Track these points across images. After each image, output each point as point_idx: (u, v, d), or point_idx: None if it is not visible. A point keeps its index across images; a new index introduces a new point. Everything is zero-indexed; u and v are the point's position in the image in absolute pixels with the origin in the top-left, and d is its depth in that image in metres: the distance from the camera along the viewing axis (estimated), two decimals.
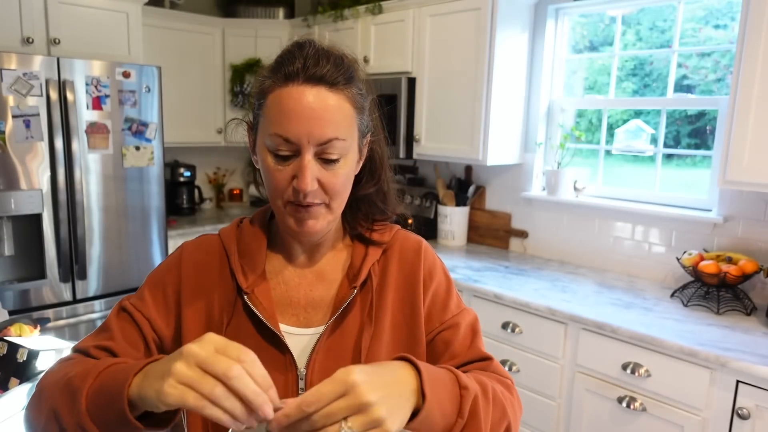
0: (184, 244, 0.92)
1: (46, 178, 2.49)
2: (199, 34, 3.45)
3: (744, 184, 1.90)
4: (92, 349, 0.81)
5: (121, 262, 2.78)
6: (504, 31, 2.56)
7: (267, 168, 0.78)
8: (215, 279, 0.86)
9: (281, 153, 0.76)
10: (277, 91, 0.76)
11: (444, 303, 0.90)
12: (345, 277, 0.88)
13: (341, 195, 0.81)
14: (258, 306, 0.82)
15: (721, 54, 2.32)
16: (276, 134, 0.75)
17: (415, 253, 0.92)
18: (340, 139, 0.76)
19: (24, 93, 2.39)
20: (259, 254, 0.87)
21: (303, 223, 0.79)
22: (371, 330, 0.84)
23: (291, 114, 0.74)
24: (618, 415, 1.91)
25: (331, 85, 0.76)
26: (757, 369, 1.59)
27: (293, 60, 0.77)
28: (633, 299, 2.16)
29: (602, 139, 2.66)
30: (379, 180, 0.90)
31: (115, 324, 0.84)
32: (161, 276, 0.88)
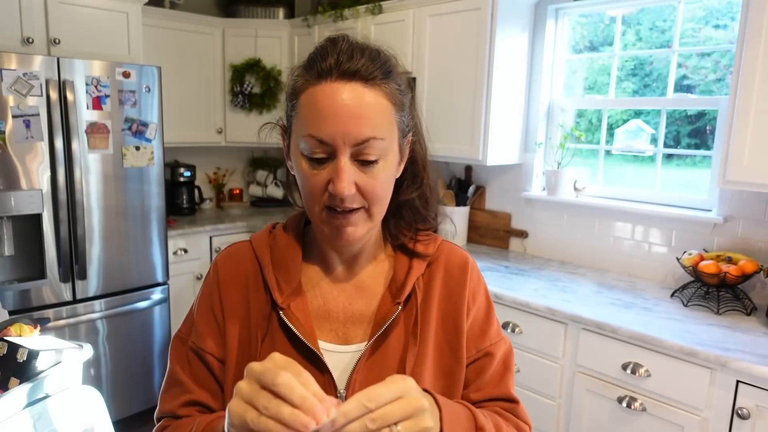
0: (216, 260, 0.87)
1: (46, 178, 2.49)
2: (199, 34, 3.45)
3: (744, 184, 1.90)
4: (178, 409, 0.81)
5: (121, 262, 2.78)
6: (504, 31, 2.56)
7: (302, 173, 0.73)
8: (250, 291, 0.82)
9: (316, 156, 0.71)
10: (310, 89, 0.71)
11: (483, 328, 0.86)
12: (387, 291, 0.82)
13: (381, 200, 0.75)
14: (295, 322, 0.77)
15: (721, 54, 2.32)
16: (309, 136, 0.70)
17: (461, 269, 0.87)
18: (378, 139, 0.71)
19: (24, 93, 2.39)
20: (294, 265, 0.82)
21: (341, 230, 0.74)
22: (415, 349, 0.79)
23: (324, 113, 0.69)
24: (618, 415, 1.91)
25: (366, 80, 0.71)
26: (757, 369, 1.59)
27: (326, 56, 0.71)
28: (633, 299, 2.16)
29: (602, 139, 2.66)
30: (422, 184, 0.84)
31: (184, 374, 0.82)
32: (205, 301, 0.85)
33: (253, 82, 3.55)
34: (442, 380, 0.82)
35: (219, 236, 3.36)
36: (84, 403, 1.60)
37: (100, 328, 2.74)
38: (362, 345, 0.79)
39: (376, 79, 0.71)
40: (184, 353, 0.83)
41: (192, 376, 0.81)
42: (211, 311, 0.83)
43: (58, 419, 1.52)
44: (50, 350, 1.56)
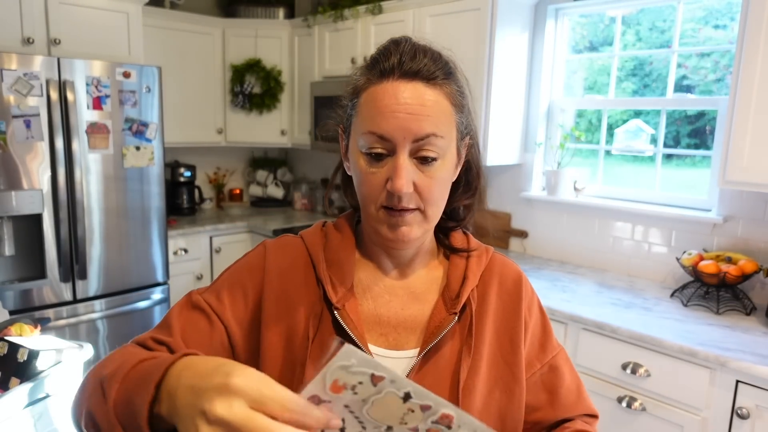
0: (266, 244, 0.83)
1: (47, 178, 2.50)
2: (199, 35, 3.45)
3: (744, 184, 1.90)
4: (149, 341, 0.75)
5: (122, 262, 2.78)
6: (504, 31, 2.56)
7: (360, 171, 0.73)
8: (301, 288, 0.79)
9: (375, 151, 0.71)
10: (372, 88, 0.73)
11: (542, 342, 0.85)
12: (440, 299, 0.80)
13: (438, 202, 0.75)
14: (348, 323, 0.75)
15: (721, 54, 2.32)
16: (369, 132, 0.71)
17: (515, 284, 0.85)
18: (438, 136, 0.71)
19: (24, 93, 2.39)
20: (348, 265, 0.80)
21: (396, 230, 0.73)
22: (469, 360, 0.77)
23: (385, 110, 0.70)
24: (618, 415, 1.92)
25: (428, 80, 0.72)
26: (757, 369, 1.60)
27: (389, 56, 0.73)
28: (633, 299, 2.16)
29: (602, 139, 2.66)
30: (476, 191, 0.84)
31: (178, 320, 0.76)
32: (241, 276, 0.80)
33: (253, 82, 3.55)
34: (497, 394, 0.80)
35: (219, 236, 3.36)
36: None
37: (100, 327, 2.75)
38: (413, 352, 0.77)
39: (437, 79, 0.73)
40: (190, 307, 0.78)
41: (183, 329, 0.75)
42: (244, 290, 0.79)
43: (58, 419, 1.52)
44: (51, 350, 1.56)
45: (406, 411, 0.51)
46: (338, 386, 0.50)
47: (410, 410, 0.50)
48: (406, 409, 0.51)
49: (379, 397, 0.50)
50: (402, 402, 0.50)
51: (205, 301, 0.78)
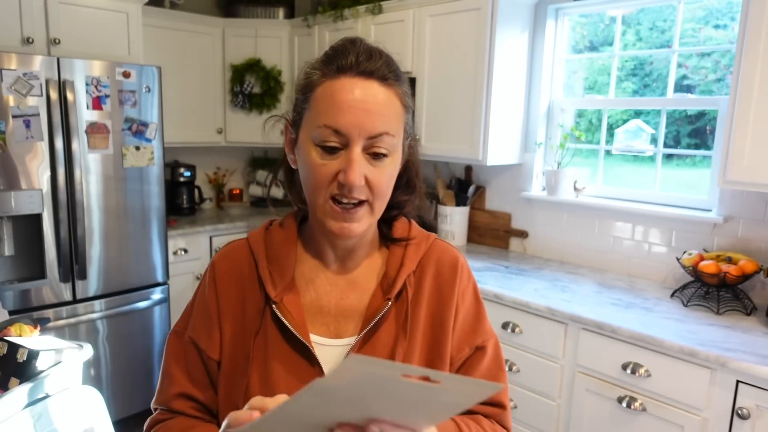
0: (213, 260, 0.89)
1: (46, 178, 2.49)
2: (199, 34, 3.45)
3: (744, 184, 1.90)
4: (172, 401, 0.84)
5: (121, 262, 2.78)
6: (504, 31, 2.56)
7: (311, 163, 0.75)
8: (246, 288, 0.84)
9: (329, 144, 0.73)
10: (328, 83, 0.74)
11: (474, 327, 0.88)
12: (378, 286, 0.84)
13: (384, 195, 0.78)
14: (287, 316, 0.79)
15: (721, 54, 2.32)
16: (325, 125, 0.73)
17: (451, 269, 0.88)
18: (390, 135, 0.74)
19: (24, 93, 2.39)
20: (288, 260, 0.84)
21: (343, 224, 0.76)
22: (405, 344, 0.80)
23: (342, 105, 0.72)
24: (618, 415, 1.91)
25: (382, 79, 0.75)
26: (757, 369, 1.59)
27: (346, 54, 0.75)
28: (633, 299, 2.16)
29: (602, 139, 2.66)
30: (415, 189, 0.88)
31: (178, 367, 0.84)
32: (203, 300, 0.86)
33: (253, 82, 3.55)
34: None
35: (219, 236, 3.36)
36: (84, 403, 1.60)
37: (100, 328, 2.74)
38: (353, 339, 0.81)
39: (390, 80, 0.76)
40: (181, 347, 0.85)
41: (186, 369, 0.83)
42: (208, 311, 0.84)
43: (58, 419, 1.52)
44: (50, 350, 1.56)
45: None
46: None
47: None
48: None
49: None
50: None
51: (189, 338, 0.85)
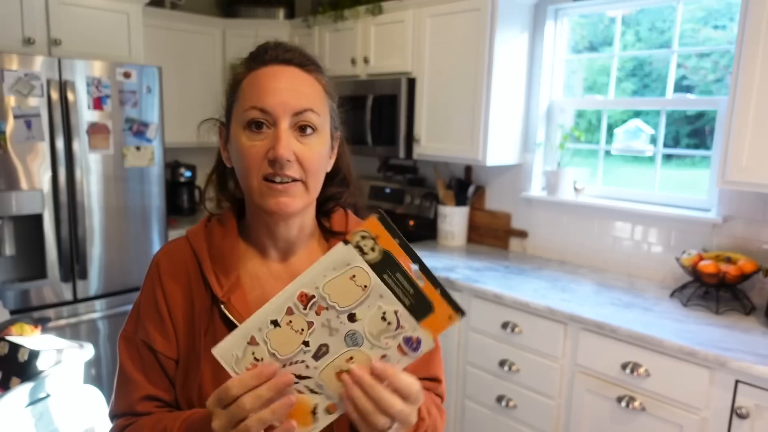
0: (156, 258, 0.87)
1: (47, 178, 2.50)
2: (199, 35, 3.45)
3: (743, 184, 1.91)
4: (137, 404, 0.81)
5: (122, 262, 2.78)
6: (504, 31, 2.57)
7: (241, 147, 0.77)
8: (192, 287, 0.83)
9: (256, 119, 0.76)
10: (251, 74, 0.79)
11: None
12: None
13: (316, 173, 0.79)
14: (236, 314, 0.79)
15: (720, 54, 2.32)
16: (251, 107, 0.76)
17: None
18: (315, 112, 0.77)
19: (25, 93, 2.40)
20: (232, 258, 0.83)
21: (278, 200, 0.76)
22: None
23: (266, 87, 0.76)
24: (617, 415, 1.92)
25: (302, 66, 0.80)
26: (756, 369, 1.60)
27: (266, 49, 0.81)
28: (632, 299, 2.16)
29: (602, 139, 2.67)
30: (349, 185, 0.91)
31: (135, 369, 0.82)
32: (150, 300, 0.84)
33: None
34: None
35: None
36: (85, 403, 1.60)
37: (100, 327, 2.75)
38: None
39: (310, 67, 0.81)
40: (134, 350, 0.83)
41: (144, 372, 0.81)
42: (157, 309, 0.82)
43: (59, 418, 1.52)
44: (51, 350, 1.57)
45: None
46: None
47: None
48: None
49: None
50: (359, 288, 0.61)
51: (141, 341, 0.83)
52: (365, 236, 0.60)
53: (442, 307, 0.60)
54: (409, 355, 0.62)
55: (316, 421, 0.63)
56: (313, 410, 0.63)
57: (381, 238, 0.60)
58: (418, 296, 0.60)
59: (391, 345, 0.61)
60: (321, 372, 0.62)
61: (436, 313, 0.60)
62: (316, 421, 0.63)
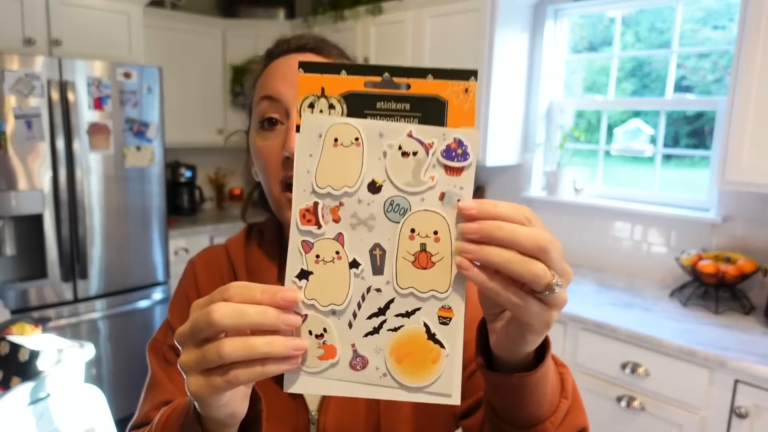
0: (193, 261, 0.82)
1: (48, 178, 2.50)
2: (199, 35, 3.46)
3: (742, 185, 1.91)
4: (152, 411, 0.70)
5: (122, 262, 2.79)
6: (503, 32, 2.57)
7: (255, 150, 0.70)
8: None
9: (268, 115, 0.68)
10: (266, 69, 0.73)
11: None
12: None
13: None
14: None
15: (720, 55, 2.32)
16: (261, 98, 0.69)
17: None
18: None
19: (26, 93, 2.40)
20: (269, 272, 0.75)
21: None
22: None
23: (277, 74, 0.69)
24: (617, 415, 1.92)
25: (318, 50, 0.73)
26: (756, 368, 1.60)
27: (281, 43, 0.74)
28: (632, 299, 2.17)
29: (601, 139, 2.67)
30: None
31: (162, 373, 0.74)
32: (184, 302, 0.78)
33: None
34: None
35: (220, 236, 3.37)
36: (86, 402, 1.60)
37: (101, 327, 2.75)
38: None
39: (325, 50, 0.73)
40: (161, 355, 0.77)
41: (169, 376, 0.74)
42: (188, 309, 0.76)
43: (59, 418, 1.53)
44: (52, 350, 1.57)
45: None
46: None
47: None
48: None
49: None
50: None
51: (171, 349, 0.75)
52: (312, 102, 0.44)
53: (449, 88, 0.44)
54: (462, 167, 0.44)
55: (442, 343, 0.44)
56: (429, 335, 0.44)
57: (328, 87, 0.44)
58: (417, 102, 0.44)
59: (437, 176, 0.44)
60: (396, 279, 0.44)
61: (450, 101, 0.44)
62: (442, 343, 0.44)
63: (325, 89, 0.44)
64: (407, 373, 0.44)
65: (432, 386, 0.44)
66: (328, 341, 0.45)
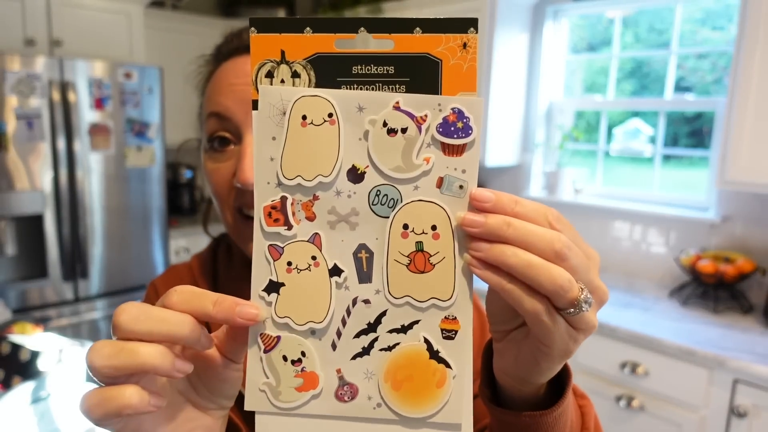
0: (154, 282, 0.74)
1: (49, 178, 2.51)
2: (200, 36, 3.46)
3: (742, 185, 1.91)
4: None
5: (123, 262, 2.79)
6: (503, 32, 2.57)
7: (207, 174, 0.60)
8: None
9: (217, 134, 0.58)
10: (214, 74, 0.62)
11: None
12: None
13: None
14: None
15: (719, 55, 2.33)
16: (208, 114, 0.58)
17: None
18: None
19: (27, 94, 2.41)
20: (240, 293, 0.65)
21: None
22: None
23: (223, 85, 0.58)
24: (616, 414, 1.93)
25: None
26: (755, 368, 1.61)
27: (231, 40, 0.62)
28: (631, 299, 2.17)
29: (601, 139, 2.67)
30: None
31: None
32: None
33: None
34: None
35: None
36: None
37: (102, 327, 2.76)
38: None
39: None
40: None
41: None
42: None
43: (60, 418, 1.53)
44: (53, 349, 1.57)
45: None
46: None
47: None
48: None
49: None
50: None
51: None
52: (270, 70, 0.35)
53: (442, 44, 0.35)
54: (463, 144, 0.35)
55: (447, 361, 0.36)
56: (430, 353, 0.36)
57: (289, 49, 0.35)
58: (403, 63, 0.35)
59: (433, 157, 0.35)
60: (388, 287, 0.36)
61: (445, 60, 0.35)
62: (447, 361, 0.36)
63: (286, 53, 0.35)
64: (407, 402, 0.36)
65: (438, 415, 0.36)
66: (307, 368, 0.36)
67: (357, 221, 0.36)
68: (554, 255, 0.34)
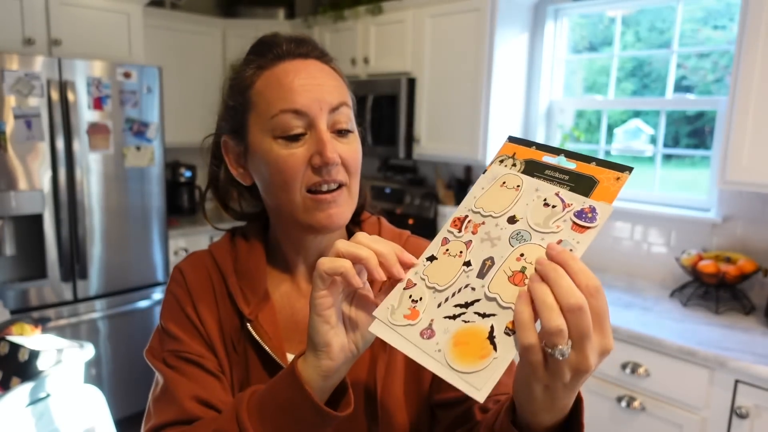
0: (180, 266, 0.81)
1: (48, 178, 2.50)
2: (199, 35, 3.45)
3: (743, 184, 1.91)
4: (187, 402, 0.68)
5: (122, 262, 2.79)
6: (504, 31, 2.57)
7: (275, 158, 0.69)
8: (218, 303, 0.76)
9: (293, 132, 0.68)
10: (267, 73, 0.71)
11: None
12: None
13: (358, 174, 0.73)
14: (263, 335, 0.72)
15: (720, 54, 2.32)
16: (282, 111, 0.68)
17: None
18: (348, 105, 0.71)
19: (25, 93, 2.40)
20: (259, 273, 0.76)
21: (330, 213, 0.69)
22: (385, 358, 0.74)
23: (294, 85, 0.68)
24: (617, 415, 1.92)
25: (320, 58, 0.73)
26: (756, 368, 1.60)
27: (277, 43, 0.73)
28: (632, 299, 2.16)
29: (602, 139, 2.67)
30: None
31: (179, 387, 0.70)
32: (177, 307, 0.76)
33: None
34: (412, 385, 0.76)
35: (220, 236, 3.36)
36: (85, 402, 1.60)
37: (101, 327, 2.75)
38: None
39: (326, 58, 0.74)
40: (163, 361, 0.74)
41: (184, 375, 0.71)
42: (186, 317, 0.75)
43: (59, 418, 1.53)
44: (51, 350, 1.57)
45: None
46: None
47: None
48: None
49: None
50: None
51: (172, 353, 0.73)
52: (503, 159, 0.60)
53: (604, 174, 0.53)
54: (587, 227, 0.51)
55: (497, 346, 0.49)
56: (489, 336, 0.50)
57: (518, 153, 0.59)
58: (575, 177, 0.55)
59: (563, 227, 0.52)
60: (490, 284, 0.52)
61: (601, 182, 0.53)
62: (497, 346, 0.49)
63: (516, 154, 0.60)
64: (456, 357, 0.50)
65: (469, 376, 0.49)
66: (418, 308, 0.55)
67: (497, 244, 0.54)
68: (568, 307, 0.45)
